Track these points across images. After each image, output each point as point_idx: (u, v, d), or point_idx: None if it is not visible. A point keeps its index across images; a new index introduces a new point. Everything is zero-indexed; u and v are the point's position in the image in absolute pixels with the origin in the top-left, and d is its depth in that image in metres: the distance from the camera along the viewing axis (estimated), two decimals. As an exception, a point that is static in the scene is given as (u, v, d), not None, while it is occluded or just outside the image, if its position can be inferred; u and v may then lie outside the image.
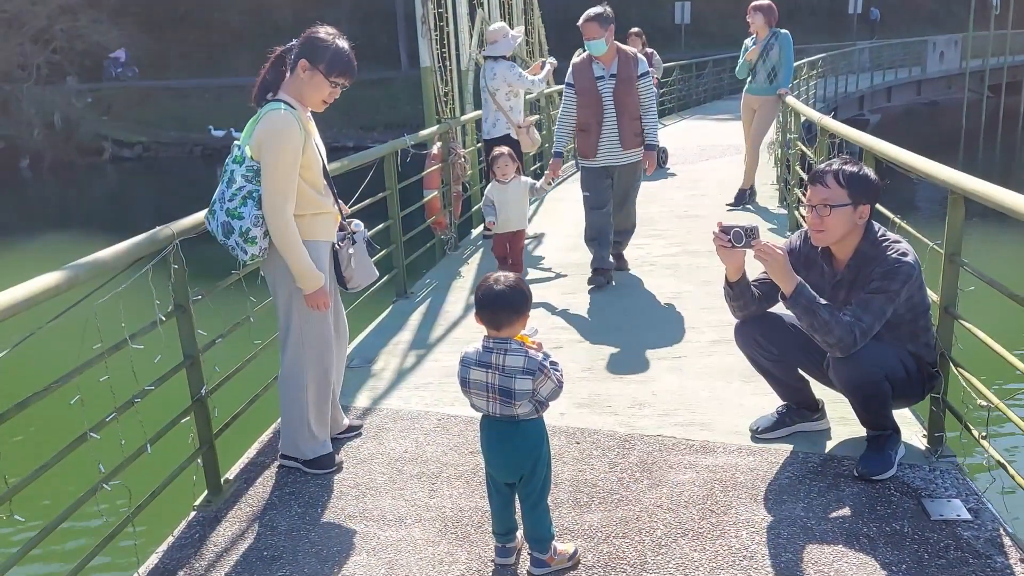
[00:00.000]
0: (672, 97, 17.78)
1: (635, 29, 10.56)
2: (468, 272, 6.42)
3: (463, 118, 7.51)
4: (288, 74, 3.05)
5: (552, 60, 8.22)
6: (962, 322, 3.03)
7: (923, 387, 3.18)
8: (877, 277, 2.96)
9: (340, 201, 3.31)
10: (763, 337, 3.26)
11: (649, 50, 10.48)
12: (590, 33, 5.35)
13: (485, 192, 5.80)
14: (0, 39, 27.36)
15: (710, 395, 3.90)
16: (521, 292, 2.52)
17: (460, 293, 5.84)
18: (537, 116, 8.36)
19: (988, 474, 3.03)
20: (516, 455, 2.56)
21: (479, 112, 7.45)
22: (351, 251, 3.31)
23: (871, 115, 21.99)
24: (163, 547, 2.93)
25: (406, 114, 24.25)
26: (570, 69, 5.60)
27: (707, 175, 10.00)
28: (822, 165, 3.16)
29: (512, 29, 7.66)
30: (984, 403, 2.87)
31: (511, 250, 5.85)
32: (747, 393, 3.85)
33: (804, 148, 6.92)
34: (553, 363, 2.52)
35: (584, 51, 5.55)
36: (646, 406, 3.83)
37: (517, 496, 2.65)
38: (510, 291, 2.50)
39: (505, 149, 5.78)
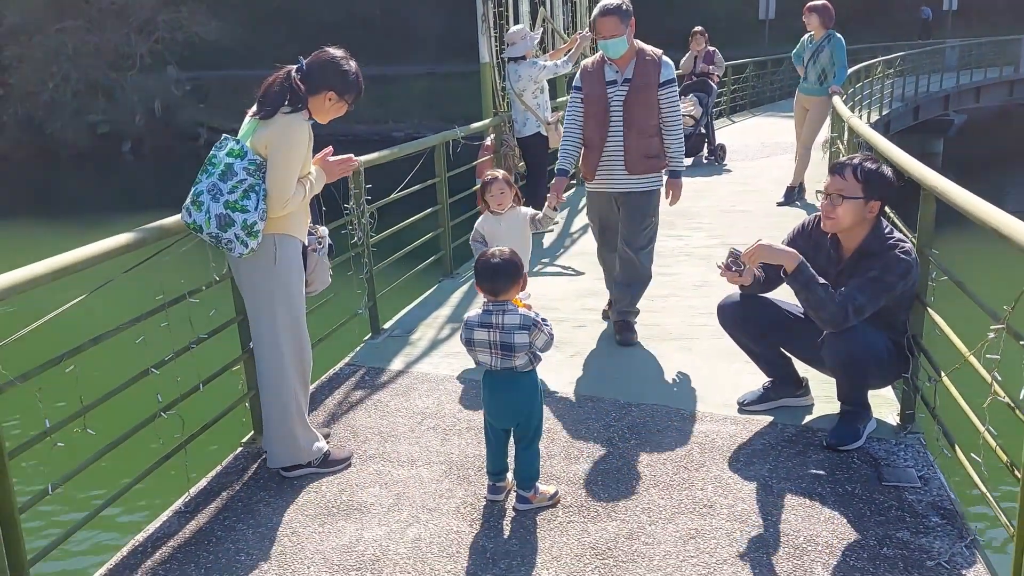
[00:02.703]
0: (744, 94, 17.79)
1: (698, 28, 10.77)
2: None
3: (518, 112, 7.88)
4: (304, 91, 3.09)
5: (586, 31, 8.31)
6: (929, 310, 3.28)
7: (898, 370, 3.45)
8: (877, 267, 3.23)
9: (321, 207, 3.50)
10: (742, 317, 3.58)
11: (711, 48, 10.67)
12: (609, 30, 4.31)
13: (475, 225, 4.68)
14: (108, 29, 29.09)
15: (711, 373, 4.22)
16: (514, 263, 2.93)
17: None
18: (561, 112, 8.63)
19: (945, 448, 3.28)
20: (514, 403, 2.98)
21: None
22: (320, 256, 3.43)
23: (956, 116, 21.38)
24: (212, 473, 3.45)
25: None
26: (579, 71, 4.62)
27: (763, 172, 10.15)
28: (844, 158, 3.46)
29: (533, 30, 7.89)
30: (931, 382, 3.14)
31: None
32: (746, 372, 4.13)
33: (842, 147, 7.08)
34: (544, 320, 2.92)
35: (598, 54, 4.60)
36: (650, 380, 4.18)
37: (513, 439, 3.07)
38: (505, 263, 2.92)
39: (500, 173, 4.67)
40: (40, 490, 2.63)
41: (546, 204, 4.56)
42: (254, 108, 3.14)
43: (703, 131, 10.69)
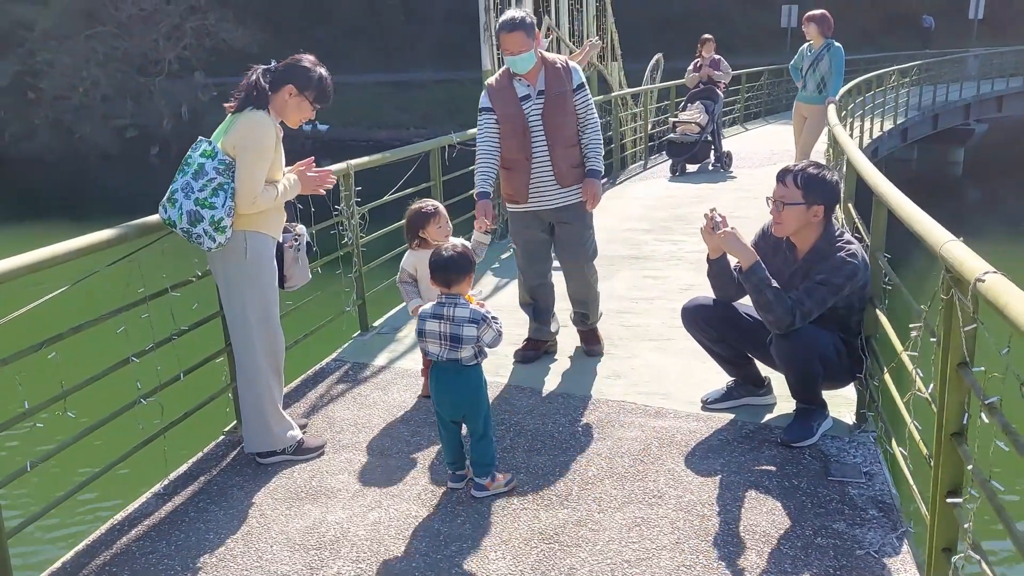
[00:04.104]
0: (759, 101, 17.83)
1: (707, 35, 10.88)
2: (508, 259, 6.97)
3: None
4: (269, 92, 3.30)
5: (595, 39, 8.55)
6: (878, 311, 3.38)
7: (852, 370, 3.55)
8: (825, 271, 3.37)
9: (296, 204, 3.66)
10: (702, 319, 3.71)
11: (717, 56, 10.76)
12: (516, 46, 4.03)
13: (402, 263, 4.07)
14: (137, 36, 29.67)
15: (682, 371, 4.34)
16: (466, 257, 3.10)
17: (491, 278, 6.41)
18: None
19: (894, 446, 3.38)
20: (459, 396, 3.12)
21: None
22: (296, 253, 3.56)
23: (977, 124, 21.24)
24: (192, 459, 3.63)
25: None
26: (485, 91, 4.29)
27: (767, 179, 10.15)
28: (788, 165, 3.58)
29: (545, 38, 8.11)
30: (876, 383, 3.24)
31: None
32: (716, 372, 4.23)
33: (831, 155, 7.15)
34: (494, 317, 3.07)
35: (501, 70, 4.29)
36: (621, 377, 4.31)
37: (465, 431, 3.21)
38: (459, 256, 3.08)
39: (436, 203, 4.07)
40: (19, 468, 2.81)
41: (474, 231, 4.12)
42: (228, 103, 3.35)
43: (709, 138, 10.79)
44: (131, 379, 3.28)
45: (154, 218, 3.34)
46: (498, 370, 4.37)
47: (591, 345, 4.66)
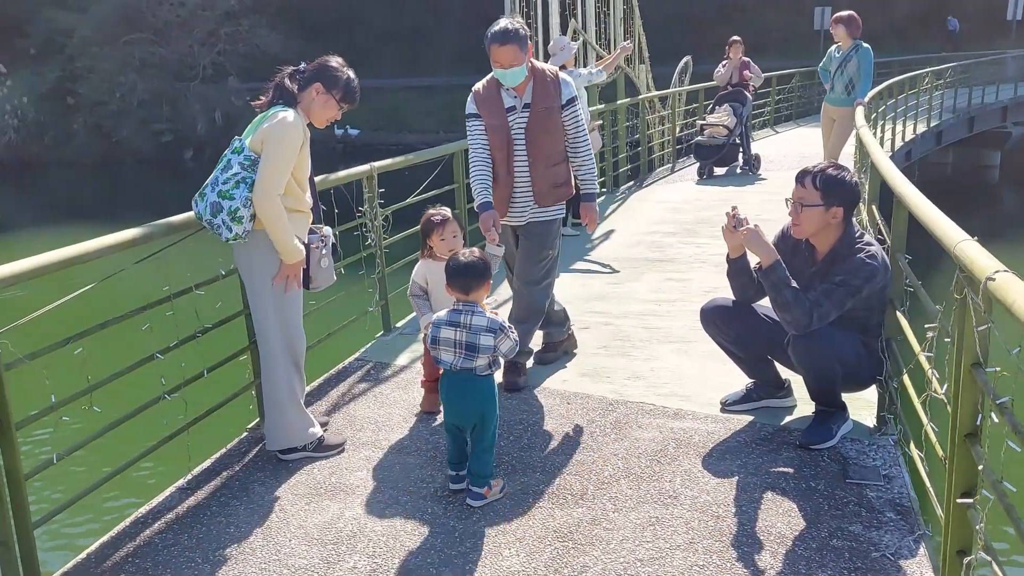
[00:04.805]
0: (790, 104, 17.68)
1: (735, 37, 10.83)
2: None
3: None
4: (298, 91, 3.39)
5: (627, 43, 8.65)
6: (898, 313, 3.36)
7: (873, 372, 3.53)
8: (843, 272, 3.35)
9: (320, 206, 3.72)
10: (722, 321, 3.70)
11: (746, 59, 10.71)
12: (508, 60, 3.86)
13: (412, 275, 4.01)
14: (173, 42, 30.18)
15: (701, 373, 4.33)
16: (484, 263, 3.12)
17: (507, 287, 6.43)
18: (600, 121, 8.88)
19: (912, 448, 3.35)
20: (472, 406, 3.13)
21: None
22: (322, 254, 3.58)
23: (1015, 127, 20.87)
24: (216, 455, 3.69)
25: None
26: (472, 96, 4.13)
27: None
28: (808, 166, 3.58)
29: (573, 40, 8.19)
30: (895, 385, 3.22)
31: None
32: (735, 374, 4.23)
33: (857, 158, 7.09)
34: (511, 327, 3.09)
35: (488, 76, 4.12)
36: (640, 379, 4.31)
37: (469, 440, 3.19)
38: (476, 261, 3.11)
39: (449, 212, 4.01)
40: (46, 460, 2.89)
41: (487, 244, 3.91)
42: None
43: (737, 141, 10.73)
44: (156, 375, 3.35)
45: (179, 217, 3.42)
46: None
47: (514, 377, 4.18)
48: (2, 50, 30.01)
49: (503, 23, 3.91)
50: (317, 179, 4.07)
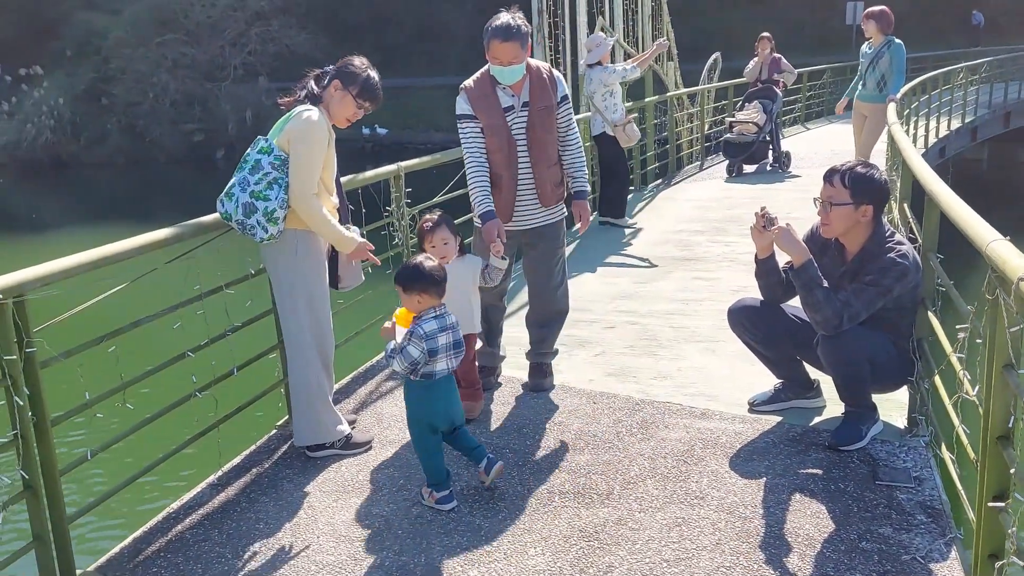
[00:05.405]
0: (821, 100, 17.49)
1: (765, 33, 10.73)
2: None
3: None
4: (321, 90, 3.46)
5: (663, 40, 8.73)
6: (929, 313, 3.31)
7: (903, 373, 3.48)
8: (874, 272, 3.32)
9: (348, 205, 3.75)
10: (748, 320, 3.68)
11: (777, 55, 10.61)
12: (508, 57, 3.73)
13: None
14: (204, 43, 30.52)
15: (729, 373, 4.30)
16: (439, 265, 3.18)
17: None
18: (635, 114, 8.89)
19: (944, 450, 3.30)
20: (457, 400, 3.23)
21: (588, 114, 8.14)
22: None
23: (1053, 123, 20.48)
24: (245, 452, 3.74)
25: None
26: (463, 95, 3.91)
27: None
28: (836, 165, 3.54)
29: (608, 36, 8.27)
30: (926, 386, 3.17)
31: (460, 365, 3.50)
32: (763, 374, 4.20)
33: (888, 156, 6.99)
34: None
35: (479, 74, 3.96)
36: (667, 379, 4.30)
37: (451, 437, 3.23)
38: (438, 265, 3.16)
39: (439, 216, 3.82)
40: (81, 456, 2.94)
41: (491, 256, 3.79)
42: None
43: (767, 138, 10.63)
44: (187, 373, 3.40)
45: (210, 218, 3.46)
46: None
47: (540, 379, 4.19)
48: (38, 52, 30.55)
49: (505, 18, 3.75)
50: (345, 179, 4.10)
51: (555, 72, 4.02)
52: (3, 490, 2.68)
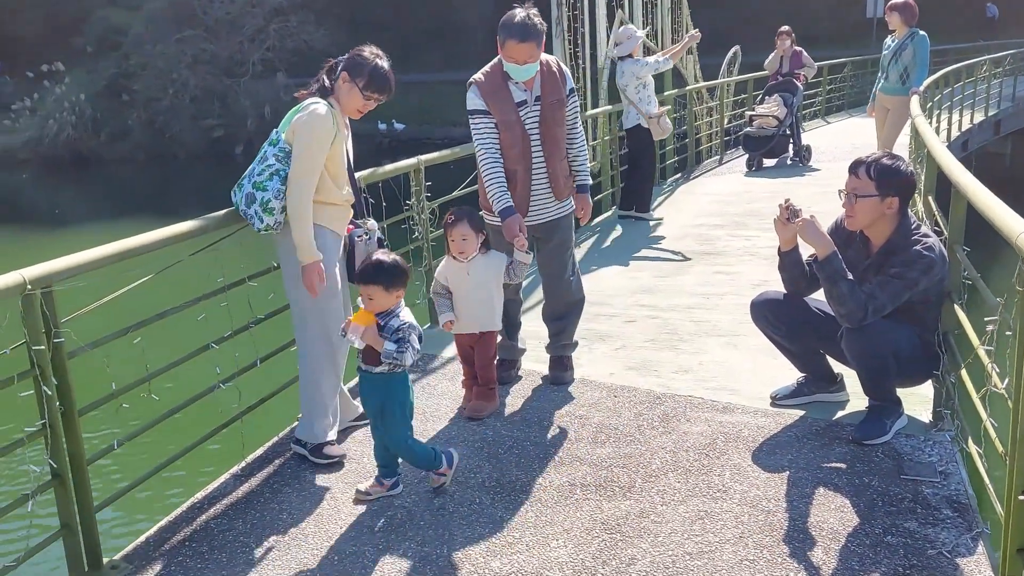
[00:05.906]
0: (842, 94, 17.35)
1: (784, 27, 10.66)
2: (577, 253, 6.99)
3: (589, 112, 8.07)
4: (331, 82, 3.42)
5: (695, 32, 8.70)
6: (956, 306, 3.28)
7: (929, 367, 3.45)
8: (899, 264, 3.29)
9: (367, 200, 3.75)
10: (771, 314, 3.66)
11: (797, 48, 10.53)
12: (524, 56, 3.73)
13: (436, 273, 3.93)
14: (223, 39, 30.68)
15: (751, 367, 4.28)
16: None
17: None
18: (668, 107, 8.87)
19: (970, 444, 3.27)
20: None
21: (609, 107, 8.14)
22: (366, 247, 3.57)
23: (1077, 116, 20.19)
24: (268, 443, 3.76)
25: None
26: (474, 90, 3.89)
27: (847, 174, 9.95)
28: (861, 156, 3.51)
29: (639, 29, 8.25)
30: (952, 380, 3.14)
31: (477, 357, 3.88)
32: (786, 368, 4.17)
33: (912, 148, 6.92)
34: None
35: (489, 68, 3.94)
36: (688, 372, 4.28)
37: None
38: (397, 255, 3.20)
39: (465, 213, 3.77)
40: (107, 446, 2.97)
41: (515, 251, 3.80)
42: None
43: (787, 132, 10.56)
44: (211, 365, 3.42)
45: (232, 210, 3.48)
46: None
47: (560, 372, 4.20)
48: (60, 48, 30.80)
49: (521, 15, 3.72)
50: (364, 173, 4.10)
51: (562, 65, 4.04)
52: (32, 479, 2.71)
